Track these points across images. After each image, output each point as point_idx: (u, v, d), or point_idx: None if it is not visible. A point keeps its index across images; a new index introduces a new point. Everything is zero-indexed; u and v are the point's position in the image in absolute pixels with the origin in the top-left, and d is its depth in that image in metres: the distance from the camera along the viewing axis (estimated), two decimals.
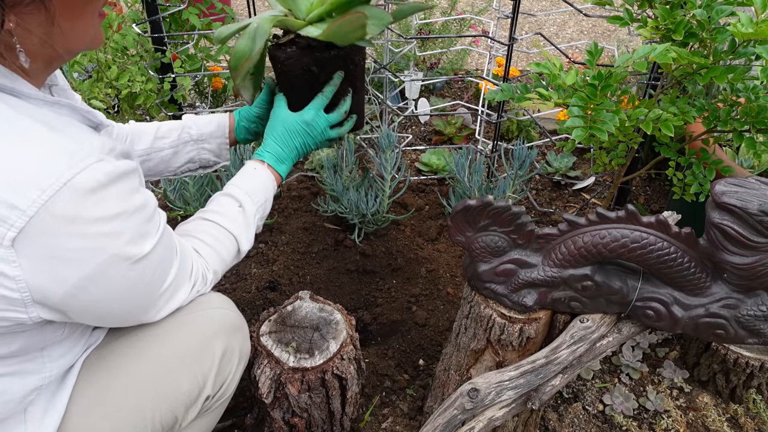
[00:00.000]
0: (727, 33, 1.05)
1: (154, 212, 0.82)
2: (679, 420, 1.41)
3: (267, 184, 1.10)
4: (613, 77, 1.08)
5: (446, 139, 2.45)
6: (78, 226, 0.70)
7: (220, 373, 0.99)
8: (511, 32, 1.76)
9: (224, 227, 1.03)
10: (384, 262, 1.84)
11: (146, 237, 0.79)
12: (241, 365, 1.05)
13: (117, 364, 0.92)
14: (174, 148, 1.22)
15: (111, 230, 0.73)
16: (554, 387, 1.06)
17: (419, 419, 1.40)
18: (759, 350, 1.38)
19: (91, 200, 0.71)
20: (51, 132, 0.71)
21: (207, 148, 1.25)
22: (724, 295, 0.99)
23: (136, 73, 1.87)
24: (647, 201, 2.18)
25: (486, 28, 3.16)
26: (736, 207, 0.88)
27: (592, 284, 1.01)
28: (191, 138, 1.23)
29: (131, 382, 0.91)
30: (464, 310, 1.14)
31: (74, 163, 0.70)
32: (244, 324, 1.06)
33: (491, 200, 0.96)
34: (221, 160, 1.28)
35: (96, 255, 0.73)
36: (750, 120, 1.17)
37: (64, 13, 0.75)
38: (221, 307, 1.01)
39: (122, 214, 0.74)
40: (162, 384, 0.92)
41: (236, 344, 1.02)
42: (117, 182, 0.74)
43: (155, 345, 0.93)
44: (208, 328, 0.97)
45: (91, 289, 0.75)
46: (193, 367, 0.95)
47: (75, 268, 0.72)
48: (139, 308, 0.86)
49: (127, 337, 0.94)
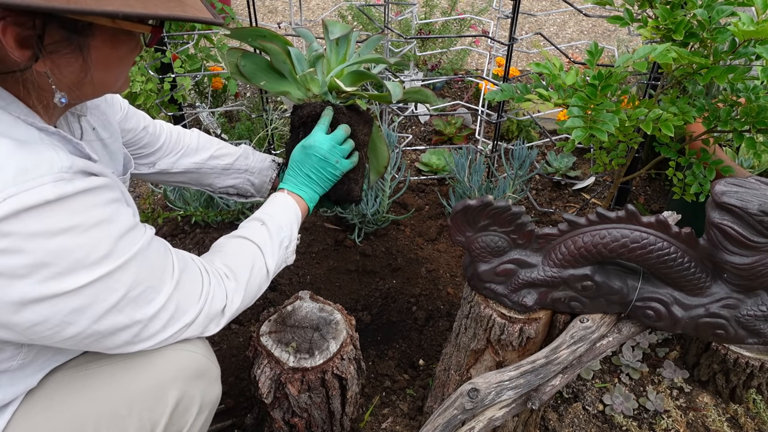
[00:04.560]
0: (728, 33, 1.05)
1: (127, 231, 0.77)
2: (679, 420, 1.41)
3: (287, 206, 1.09)
4: (613, 77, 1.08)
5: (446, 139, 2.45)
6: (13, 240, 0.66)
7: (173, 424, 0.89)
8: (511, 32, 1.76)
9: (252, 241, 1.02)
10: (384, 262, 1.84)
11: (109, 257, 0.73)
12: (203, 415, 0.94)
13: (60, 399, 0.85)
14: (225, 171, 1.30)
15: (56, 247, 0.69)
16: (554, 387, 1.06)
17: (419, 419, 1.40)
18: (759, 350, 1.38)
19: (32, 215, 0.67)
20: (15, 147, 0.69)
21: (252, 180, 1.33)
22: (724, 295, 0.99)
23: (136, 73, 1.87)
24: (647, 201, 2.18)
25: (486, 28, 3.16)
26: (736, 207, 0.88)
27: (592, 284, 1.01)
28: (243, 167, 1.32)
29: (70, 421, 0.83)
30: (464, 310, 1.14)
31: (24, 180, 0.67)
32: (211, 368, 0.94)
33: (491, 200, 0.96)
34: (258, 195, 1.35)
35: (37, 272, 0.68)
36: (750, 120, 1.17)
37: (99, 65, 0.76)
38: (186, 348, 0.90)
39: (74, 228, 0.70)
40: (103, 428, 0.84)
41: (196, 392, 0.91)
42: (72, 198, 0.70)
43: (103, 383, 0.86)
44: (164, 373, 0.87)
45: (35, 309, 0.70)
46: (141, 416, 0.85)
47: (14, 286, 0.68)
48: (109, 331, 0.78)
49: (77, 369, 0.87)
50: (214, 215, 1.93)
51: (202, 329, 0.90)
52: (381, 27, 1.91)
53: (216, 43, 2.14)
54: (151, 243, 0.81)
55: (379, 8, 2.68)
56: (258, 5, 4.18)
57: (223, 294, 0.92)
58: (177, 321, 0.85)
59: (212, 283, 0.91)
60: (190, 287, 0.87)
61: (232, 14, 2.14)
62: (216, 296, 0.91)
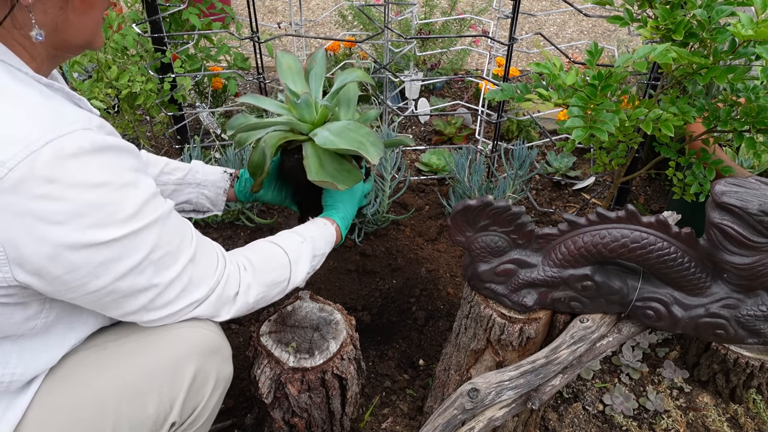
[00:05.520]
0: (728, 33, 1.05)
1: (150, 198, 0.81)
2: (679, 420, 1.41)
3: (330, 238, 1.17)
4: (613, 77, 1.08)
5: (446, 139, 2.45)
6: (56, 187, 0.70)
7: (190, 399, 0.92)
8: (511, 32, 1.76)
9: (280, 246, 1.06)
10: (384, 262, 1.84)
11: (136, 217, 0.78)
12: (218, 391, 0.98)
13: (80, 377, 0.88)
14: (177, 186, 1.29)
15: (93, 199, 0.73)
16: (554, 387, 1.06)
17: (419, 419, 1.40)
18: (759, 350, 1.38)
19: (74, 164, 0.71)
20: (41, 97, 0.74)
21: (206, 194, 1.33)
22: (724, 295, 0.99)
23: (136, 73, 1.87)
24: (647, 201, 2.18)
25: (486, 28, 3.16)
26: (736, 207, 0.88)
27: (592, 284, 1.01)
28: (195, 181, 1.31)
29: (92, 399, 0.86)
30: (464, 310, 1.14)
31: (59, 125, 0.71)
32: (224, 346, 0.98)
33: (491, 200, 0.96)
34: (214, 209, 1.35)
35: (74, 220, 0.72)
36: (750, 120, 1.17)
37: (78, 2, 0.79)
38: (199, 326, 0.93)
39: (107, 185, 0.74)
40: (125, 405, 0.86)
41: (212, 368, 0.95)
42: (104, 153, 0.74)
43: (122, 362, 0.89)
44: (181, 349, 0.91)
45: (68, 257, 0.73)
46: (161, 390, 0.89)
47: (52, 231, 0.71)
48: (128, 292, 0.82)
49: (96, 348, 0.91)
50: (213, 215, 1.93)
51: (213, 311, 0.94)
52: (381, 27, 1.91)
53: (216, 43, 2.14)
54: (171, 212, 0.86)
55: (379, 8, 2.68)
56: (258, 5, 4.18)
57: (237, 281, 0.96)
58: (189, 294, 0.89)
59: (228, 267, 0.95)
60: (206, 263, 0.91)
61: (232, 14, 2.14)
62: (230, 280, 0.95)
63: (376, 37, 2.41)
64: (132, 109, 2.03)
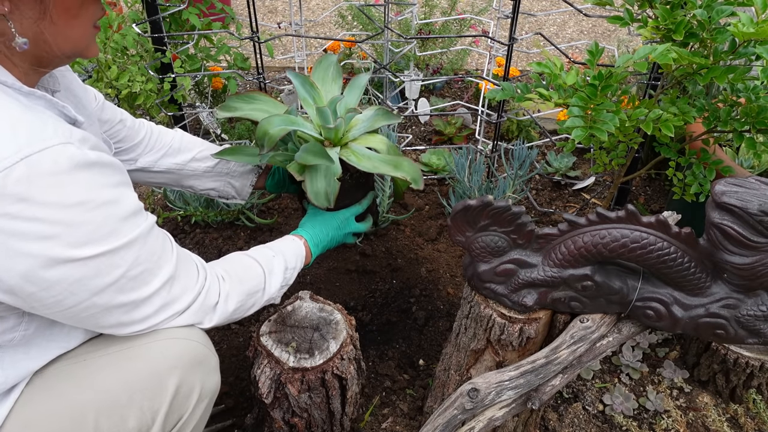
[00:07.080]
0: (728, 33, 1.05)
1: (131, 215, 0.79)
2: (679, 420, 1.41)
3: (299, 253, 1.16)
4: (613, 77, 1.08)
5: (446, 139, 2.45)
6: (29, 206, 0.68)
7: (173, 412, 0.90)
8: (511, 32, 1.76)
9: (254, 258, 1.07)
10: (384, 262, 1.84)
11: (114, 235, 0.76)
12: (203, 403, 0.95)
13: (60, 388, 0.86)
14: (206, 173, 1.32)
15: (68, 219, 0.71)
16: (554, 387, 1.06)
17: (419, 419, 1.40)
18: (759, 350, 1.38)
19: (48, 181, 0.69)
20: (20, 109, 0.72)
21: (233, 184, 1.35)
22: (724, 295, 0.99)
23: (136, 73, 1.87)
24: (647, 201, 2.18)
25: (486, 28, 3.16)
26: (736, 207, 0.88)
27: (592, 284, 1.01)
28: (225, 171, 1.34)
29: (70, 411, 0.84)
30: (464, 310, 1.14)
31: (36, 140, 0.69)
32: (209, 356, 0.95)
33: (491, 200, 0.96)
34: (239, 198, 1.39)
35: (48, 240, 0.70)
36: (750, 120, 1.17)
37: (59, 10, 0.77)
38: (184, 337, 0.91)
39: (84, 204, 0.72)
40: (104, 418, 0.84)
41: (196, 380, 0.92)
42: (83, 170, 0.72)
43: (102, 374, 0.87)
44: (163, 361, 0.88)
45: (42, 275, 0.72)
46: (142, 404, 0.86)
47: (25, 249, 0.69)
48: (106, 307, 0.80)
49: (77, 359, 0.89)
50: (214, 215, 1.93)
51: (194, 319, 0.93)
52: (381, 27, 1.91)
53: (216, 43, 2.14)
54: (152, 229, 0.84)
55: (379, 8, 2.68)
56: (258, 5, 4.18)
57: (217, 291, 0.96)
58: (169, 307, 0.88)
59: (208, 279, 0.95)
60: (185, 276, 0.90)
61: (232, 14, 2.14)
62: (211, 290, 0.95)
63: (376, 37, 2.41)
64: (132, 109, 2.02)
